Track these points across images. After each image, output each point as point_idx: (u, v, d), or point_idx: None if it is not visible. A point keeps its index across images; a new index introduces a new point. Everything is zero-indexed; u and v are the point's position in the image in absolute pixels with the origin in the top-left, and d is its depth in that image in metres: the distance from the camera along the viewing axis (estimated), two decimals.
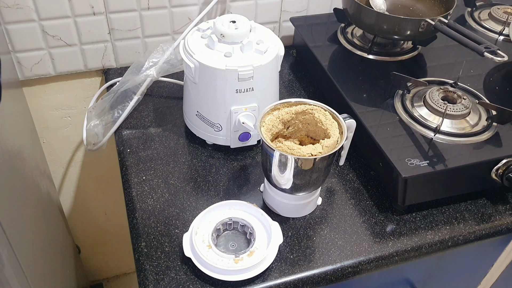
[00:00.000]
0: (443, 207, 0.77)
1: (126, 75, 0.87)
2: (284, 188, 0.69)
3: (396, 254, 0.70)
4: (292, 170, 0.65)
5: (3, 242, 0.63)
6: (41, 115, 1.04)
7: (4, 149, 0.72)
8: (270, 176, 0.69)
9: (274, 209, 0.74)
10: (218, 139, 0.82)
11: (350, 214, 0.75)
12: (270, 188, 0.72)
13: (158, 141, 0.85)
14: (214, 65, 0.74)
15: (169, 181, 0.78)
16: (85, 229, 1.32)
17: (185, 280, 0.64)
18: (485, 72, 0.93)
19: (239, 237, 0.70)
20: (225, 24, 0.76)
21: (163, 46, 0.88)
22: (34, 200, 0.90)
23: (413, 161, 0.71)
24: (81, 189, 1.22)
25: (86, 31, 0.93)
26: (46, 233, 0.96)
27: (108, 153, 0.96)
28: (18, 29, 0.88)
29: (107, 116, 0.87)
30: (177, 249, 0.68)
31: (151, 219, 0.72)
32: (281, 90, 0.94)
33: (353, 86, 0.86)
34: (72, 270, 1.17)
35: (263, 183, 0.76)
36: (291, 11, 1.06)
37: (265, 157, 0.68)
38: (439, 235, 0.72)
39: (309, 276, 0.67)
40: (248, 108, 0.78)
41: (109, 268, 1.49)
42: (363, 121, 0.78)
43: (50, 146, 1.10)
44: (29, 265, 0.74)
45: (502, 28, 1.04)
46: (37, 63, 0.94)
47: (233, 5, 1.00)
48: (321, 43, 0.98)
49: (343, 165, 0.82)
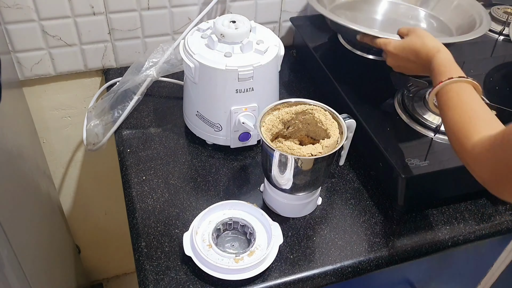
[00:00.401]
0: (443, 207, 0.77)
1: (126, 75, 0.87)
2: (284, 188, 0.69)
3: (396, 254, 0.70)
4: (292, 170, 0.65)
5: (3, 242, 0.63)
6: (41, 115, 1.04)
7: (4, 149, 0.72)
8: (270, 176, 0.69)
9: (274, 209, 0.74)
10: (218, 139, 0.82)
11: (350, 214, 0.75)
12: (270, 188, 0.72)
13: (158, 141, 0.85)
14: (214, 65, 0.74)
15: (169, 181, 0.78)
16: (85, 229, 1.32)
17: (185, 280, 0.64)
18: (485, 72, 0.93)
19: (239, 237, 0.70)
20: (225, 24, 0.76)
21: (163, 46, 0.88)
22: (34, 200, 0.90)
23: (413, 161, 0.71)
24: (81, 189, 1.22)
25: (86, 31, 0.93)
26: (46, 233, 0.96)
27: (108, 153, 0.96)
28: (18, 29, 0.88)
29: (107, 116, 0.87)
30: (177, 249, 0.68)
31: (151, 219, 0.72)
32: (281, 90, 0.94)
33: (353, 86, 0.86)
34: (72, 270, 1.17)
35: (263, 183, 0.76)
36: (291, 11, 1.06)
37: (265, 157, 0.68)
38: (439, 235, 0.72)
39: (309, 276, 0.67)
40: (248, 108, 0.78)
41: (109, 268, 1.49)
42: (363, 121, 0.78)
43: (50, 146, 1.10)
44: (29, 265, 0.74)
45: (502, 28, 1.04)
46: (37, 63, 0.94)
47: (233, 5, 1.00)
48: (321, 43, 0.98)
49: (343, 165, 0.82)
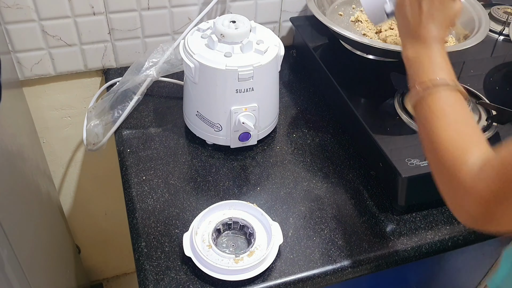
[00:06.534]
0: (443, 207, 0.77)
1: (126, 75, 0.87)
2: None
3: (396, 254, 0.70)
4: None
5: (3, 242, 0.63)
6: (41, 115, 1.03)
7: (4, 149, 0.72)
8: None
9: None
10: (218, 139, 0.82)
11: (350, 214, 0.75)
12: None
13: (158, 141, 0.85)
14: (214, 65, 0.74)
15: (169, 181, 0.78)
16: (85, 229, 1.32)
17: (185, 280, 0.64)
18: (485, 72, 0.93)
19: (239, 237, 0.69)
20: (225, 24, 0.76)
21: (163, 46, 0.88)
22: (34, 200, 0.90)
23: (413, 161, 0.71)
24: (81, 189, 1.22)
25: (86, 31, 0.93)
26: (46, 233, 0.97)
27: (108, 153, 0.96)
28: (18, 29, 0.88)
29: (107, 116, 0.87)
30: (177, 249, 0.68)
31: (151, 219, 0.72)
32: (281, 90, 0.94)
33: (353, 86, 0.86)
34: (72, 270, 1.17)
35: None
36: (291, 11, 1.05)
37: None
38: (439, 235, 0.72)
39: (309, 276, 0.67)
40: (248, 108, 0.78)
41: (109, 268, 1.49)
42: (363, 121, 0.78)
43: (50, 146, 1.10)
44: (29, 265, 0.74)
45: (502, 28, 1.04)
46: (37, 63, 0.94)
47: (233, 5, 1.00)
48: (321, 43, 0.98)
49: (343, 165, 0.82)
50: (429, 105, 0.52)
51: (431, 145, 0.51)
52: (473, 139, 0.49)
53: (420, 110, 0.53)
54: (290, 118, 0.92)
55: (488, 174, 0.44)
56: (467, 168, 0.46)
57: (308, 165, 0.82)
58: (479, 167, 0.46)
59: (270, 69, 0.78)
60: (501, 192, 0.43)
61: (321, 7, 0.95)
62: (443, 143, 0.49)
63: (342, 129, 0.89)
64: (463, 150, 0.48)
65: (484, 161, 0.46)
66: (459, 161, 0.47)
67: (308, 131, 0.89)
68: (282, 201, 0.76)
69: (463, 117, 0.51)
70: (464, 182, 0.46)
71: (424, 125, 0.53)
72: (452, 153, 0.48)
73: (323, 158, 0.84)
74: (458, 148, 0.48)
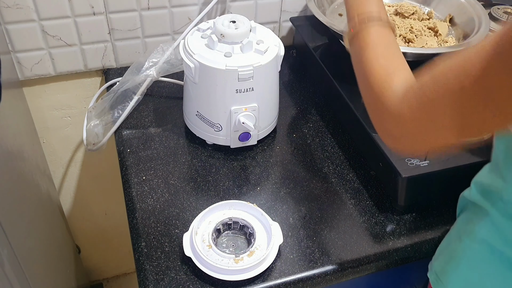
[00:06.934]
0: (443, 207, 0.77)
1: (126, 75, 0.87)
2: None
3: (396, 254, 0.70)
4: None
5: (3, 242, 0.63)
6: (41, 115, 1.04)
7: (4, 149, 0.72)
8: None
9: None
10: (218, 139, 0.82)
11: (350, 214, 0.75)
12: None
13: (158, 141, 0.85)
14: (214, 65, 0.74)
15: (169, 181, 0.78)
16: (85, 229, 1.32)
17: (185, 280, 0.64)
18: None
19: (239, 237, 0.69)
20: (225, 24, 0.76)
21: (163, 46, 0.88)
22: (34, 200, 0.90)
23: (413, 161, 0.71)
24: (81, 189, 1.22)
25: (86, 31, 0.93)
26: (46, 233, 0.97)
27: (108, 153, 0.96)
28: (18, 29, 0.88)
29: (107, 116, 0.87)
30: (177, 249, 0.68)
31: (151, 219, 0.72)
32: (281, 90, 0.94)
33: (353, 86, 0.86)
34: (72, 270, 1.17)
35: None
36: (291, 11, 1.05)
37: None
38: (439, 235, 0.72)
39: (309, 276, 0.67)
40: (248, 108, 0.78)
41: (109, 268, 1.49)
42: (363, 121, 0.78)
43: (50, 146, 1.10)
44: (29, 265, 0.74)
45: None
46: (37, 63, 0.94)
47: (233, 5, 1.00)
48: (321, 43, 0.98)
49: (343, 165, 0.82)
50: (364, 37, 0.57)
51: (363, 73, 0.56)
52: (399, 67, 0.54)
53: (356, 41, 0.58)
54: (290, 118, 0.92)
55: (409, 97, 0.49)
56: (392, 93, 0.51)
57: (308, 165, 0.82)
58: (402, 92, 0.50)
59: (270, 69, 0.78)
60: (418, 112, 0.48)
61: (321, 7, 0.95)
62: (372, 70, 0.55)
63: (342, 129, 0.89)
64: (389, 76, 0.53)
65: (407, 86, 0.50)
66: (386, 86, 0.52)
67: (308, 131, 0.89)
68: (282, 201, 0.76)
69: (392, 48, 0.57)
70: (388, 105, 0.51)
71: (358, 56, 0.58)
72: (379, 79, 0.53)
73: (323, 158, 0.84)
74: (385, 75, 0.53)
